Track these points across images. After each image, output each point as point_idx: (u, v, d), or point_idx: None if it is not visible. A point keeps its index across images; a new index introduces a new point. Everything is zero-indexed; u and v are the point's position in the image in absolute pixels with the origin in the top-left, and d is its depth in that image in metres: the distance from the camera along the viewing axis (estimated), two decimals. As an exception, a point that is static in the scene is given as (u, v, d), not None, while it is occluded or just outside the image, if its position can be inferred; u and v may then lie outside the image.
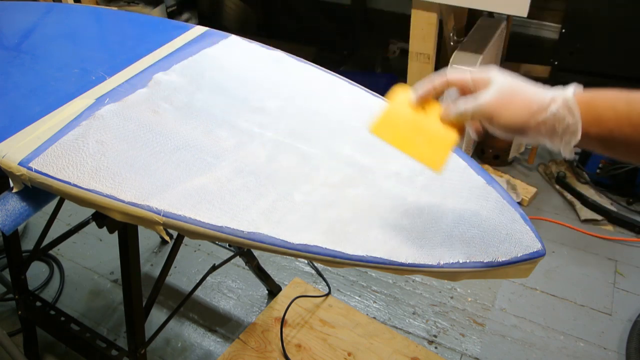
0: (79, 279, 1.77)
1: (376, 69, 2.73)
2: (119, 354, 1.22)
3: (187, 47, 1.10)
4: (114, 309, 1.66)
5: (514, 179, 2.07)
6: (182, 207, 0.74)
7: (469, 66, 1.84)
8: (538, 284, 1.69)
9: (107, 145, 0.85)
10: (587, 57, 2.03)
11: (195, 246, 1.88)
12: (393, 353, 1.47)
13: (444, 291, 1.68)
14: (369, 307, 1.64)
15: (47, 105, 0.94)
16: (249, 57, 1.08)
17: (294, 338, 1.52)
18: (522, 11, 1.59)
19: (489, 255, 0.68)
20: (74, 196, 0.79)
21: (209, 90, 0.98)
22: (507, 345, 1.52)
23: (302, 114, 0.93)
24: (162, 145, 0.85)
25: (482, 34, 2.00)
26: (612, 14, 1.92)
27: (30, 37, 1.20)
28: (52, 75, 1.04)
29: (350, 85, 1.00)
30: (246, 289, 1.71)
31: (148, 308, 1.15)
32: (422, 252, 0.69)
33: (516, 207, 0.76)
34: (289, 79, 1.02)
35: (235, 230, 0.72)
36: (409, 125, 0.67)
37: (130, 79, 1.01)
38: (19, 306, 1.37)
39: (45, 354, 1.53)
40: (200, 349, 1.54)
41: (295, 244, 0.70)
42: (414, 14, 1.77)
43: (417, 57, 1.85)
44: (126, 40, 1.16)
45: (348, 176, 0.81)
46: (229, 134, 0.88)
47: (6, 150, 0.85)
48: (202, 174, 0.80)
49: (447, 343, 1.53)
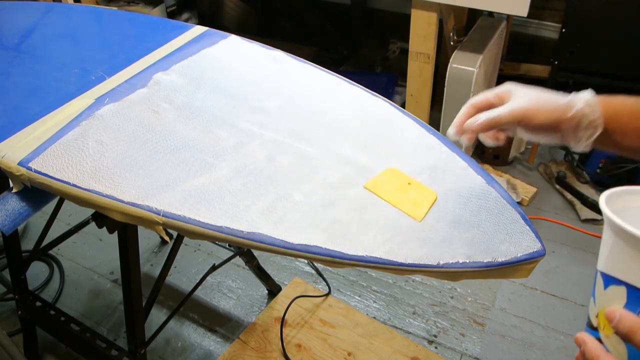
0: (79, 279, 1.77)
1: (376, 69, 2.73)
2: (119, 354, 1.22)
3: (187, 47, 1.10)
4: (114, 309, 1.66)
5: (514, 179, 2.07)
6: (182, 207, 0.74)
7: (469, 66, 1.84)
8: (538, 284, 1.69)
9: (106, 145, 0.85)
10: (587, 57, 2.03)
11: (195, 246, 1.88)
12: (393, 353, 1.47)
13: (444, 291, 1.68)
14: (369, 307, 1.64)
15: (47, 105, 0.94)
16: (248, 57, 1.08)
17: (294, 338, 1.52)
18: (522, 11, 1.59)
19: (489, 255, 0.68)
20: (73, 196, 0.79)
21: (208, 90, 0.98)
22: (507, 345, 1.52)
23: (302, 114, 0.93)
24: (162, 145, 0.85)
25: (482, 34, 2.00)
26: (612, 14, 1.92)
27: (30, 37, 1.20)
28: (52, 75, 1.04)
29: (350, 85, 1.00)
30: (246, 289, 1.71)
31: (148, 308, 1.15)
32: (422, 252, 0.69)
33: (516, 207, 0.75)
34: (288, 79, 1.02)
35: (234, 230, 0.71)
36: (397, 187, 0.79)
37: (130, 79, 1.01)
38: (19, 306, 1.37)
39: (45, 354, 1.53)
40: (200, 349, 1.54)
41: (295, 244, 0.70)
42: (414, 14, 1.77)
43: (417, 56, 1.85)
44: (126, 40, 1.16)
45: (348, 176, 0.80)
46: (228, 134, 0.88)
47: (6, 150, 0.85)
48: (202, 174, 0.80)
49: (447, 343, 1.53)
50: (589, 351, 0.45)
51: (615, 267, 0.45)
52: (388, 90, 2.42)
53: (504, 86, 0.69)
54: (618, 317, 0.43)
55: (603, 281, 0.46)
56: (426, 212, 0.75)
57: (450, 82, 1.90)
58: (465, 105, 0.70)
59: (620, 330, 0.43)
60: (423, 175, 0.81)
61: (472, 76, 1.85)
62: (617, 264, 0.45)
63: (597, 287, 0.47)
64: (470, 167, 0.82)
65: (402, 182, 0.79)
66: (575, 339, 0.48)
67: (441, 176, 0.80)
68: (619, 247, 0.45)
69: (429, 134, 0.88)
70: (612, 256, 0.46)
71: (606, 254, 0.47)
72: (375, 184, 0.79)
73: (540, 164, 2.16)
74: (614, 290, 0.45)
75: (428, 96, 1.94)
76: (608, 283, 0.46)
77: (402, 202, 0.76)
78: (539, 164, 2.17)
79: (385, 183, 0.79)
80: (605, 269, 0.46)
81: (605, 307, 0.46)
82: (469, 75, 1.85)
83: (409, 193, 0.77)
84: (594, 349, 0.45)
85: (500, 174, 2.11)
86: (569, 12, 2.00)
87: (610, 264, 0.46)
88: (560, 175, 2.04)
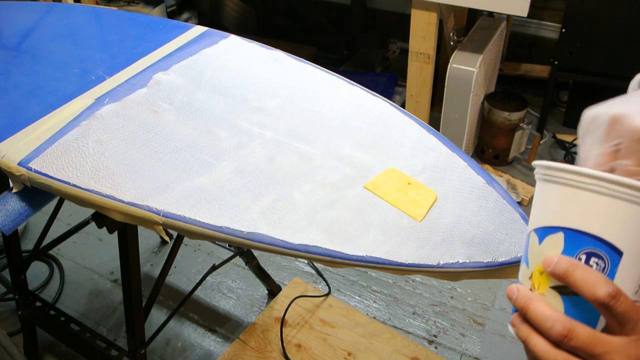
0: (79, 279, 1.77)
1: (376, 69, 2.73)
2: (119, 354, 1.22)
3: (187, 47, 1.10)
4: (114, 309, 1.66)
5: (514, 179, 2.07)
6: (182, 207, 0.74)
7: (469, 66, 1.84)
8: (538, 284, 1.69)
9: (106, 145, 0.85)
10: (587, 57, 2.03)
11: (195, 246, 1.88)
12: (393, 353, 1.47)
13: (444, 291, 1.68)
14: (369, 307, 1.64)
15: (47, 105, 0.94)
16: (248, 57, 1.08)
17: (294, 338, 1.52)
18: (522, 11, 1.59)
19: (489, 255, 0.68)
20: (73, 196, 0.79)
21: (208, 90, 0.98)
22: (507, 345, 1.52)
23: (302, 114, 0.93)
24: (162, 145, 0.85)
25: (482, 34, 2.00)
26: (612, 14, 1.92)
27: (30, 37, 1.20)
28: (52, 75, 1.04)
29: (350, 85, 1.00)
30: (246, 289, 1.71)
31: (148, 308, 1.15)
32: (422, 252, 0.69)
33: (516, 207, 0.75)
34: (288, 79, 1.02)
35: (234, 230, 0.71)
36: (397, 187, 0.79)
37: (130, 79, 1.01)
38: (19, 306, 1.37)
39: (45, 354, 1.53)
40: (200, 349, 1.54)
41: (295, 244, 0.70)
42: (414, 14, 1.77)
43: (417, 56, 1.85)
44: (126, 40, 1.16)
45: (348, 176, 0.80)
46: (228, 134, 0.88)
47: (6, 150, 0.85)
48: (202, 174, 0.80)
49: (447, 343, 1.53)
50: (520, 298, 0.43)
51: (550, 215, 0.44)
52: (388, 90, 2.42)
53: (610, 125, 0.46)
54: (555, 260, 0.41)
55: (538, 237, 0.44)
56: (426, 212, 0.75)
57: (450, 82, 1.90)
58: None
59: (557, 272, 0.41)
60: (423, 175, 0.81)
61: (472, 76, 1.85)
62: (552, 212, 0.44)
63: (531, 247, 0.45)
64: (470, 167, 0.82)
65: (402, 182, 0.79)
66: (507, 290, 0.45)
67: (441, 176, 0.80)
68: (552, 192, 0.44)
69: (429, 134, 0.88)
70: (546, 207, 0.44)
71: (538, 208, 0.45)
72: (375, 184, 0.79)
73: (540, 164, 2.16)
74: (550, 240, 0.43)
75: (428, 96, 1.94)
76: (543, 236, 0.44)
77: (402, 202, 0.76)
78: (539, 164, 2.17)
79: (385, 183, 0.79)
80: (538, 223, 0.45)
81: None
82: (469, 75, 1.85)
83: (409, 193, 0.77)
84: (525, 294, 0.43)
85: (500, 174, 2.11)
86: (569, 12, 2.00)
87: (545, 215, 0.44)
88: (560, 175, 2.04)
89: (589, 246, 0.41)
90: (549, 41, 2.47)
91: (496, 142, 2.12)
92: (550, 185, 0.44)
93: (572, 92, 2.31)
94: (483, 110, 2.11)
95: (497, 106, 2.05)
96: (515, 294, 0.44)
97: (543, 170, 0.44)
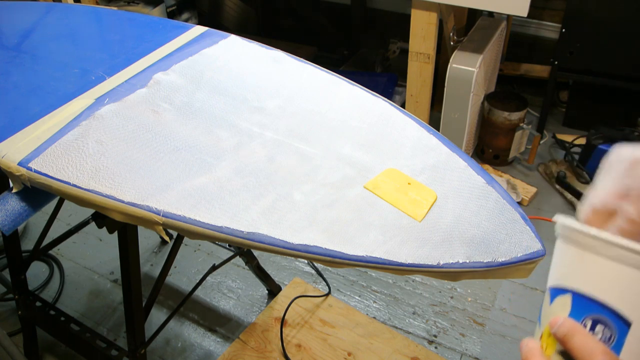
0: (79, 279, 1.77)
1: (376, 69, 2.73)
2: (119, 354, 1.22)
3: (187, 47, 1.10)
4: (114, 309, 1.66)
5: (514, 179, 2.07)
6: (182, 207, 0.74)
7: (469, 66, 1.84)
8: (538, 284, 1.69)
9: (106, 145, 0.85)
10: (587, 57, 2.03)
11: (195, 246, 1.88)
12: (393, 353, 1.47)
13: (444, 291, 1.68)
14: (369, 307, 1.64)
15: (47, 105, 0.94)
16: (248, 57, 1.08)
17: (294, 338, 1.52)
18: (522, 11, 1.59)
19: (489, 255, 0.68)
20: (73, 196, 0.79)
21: (208, 90, 0.98)
22: (507, 345, 1.52)
23: (302, 114, 0.93)
24: (162, 145, 0.85)
25: (482, 34, 2.00)
26: (612, 14, 1.92)
27: (30, 37, 1.20)
28: (52, 75, 1.04)
29: (350, 85, 1.00)
30: (246, 289, 1.71)
31: (148, 308, 1.15)
32: (422, 252, 0.69)
33: (516, 207, 0.75)
34: (288, 79, 1.02)
35: (234, 230, 0.71)
36: (397, 187, 0.79)
37: (130, 79, 1.01)
38: (19, 306, 1.37)
39: (45, 354, 1.53)
40: (200, 349, 1.54)
41: (295, 244, 0.70)
42: (414, 14, 1.77)
43: (417, 56, 1.85)
44: (126, 40, 1.16)
45: (348, 176, 0.80)
46: (228, 134, 0.88)
47: (6, 150, 0.85)
48: (202, 174, 0.80)
49: (447, 343, 1.53)
50: (527, 351, 0.41)
51: (561, 275, 0.42)
52: (388, 90, 2.42)
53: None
54: (560, 322, 0.40)
55: (550, 297, 0.43)
56: (426, 212, 0.75)
57: (450, 82, 1.90)
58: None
59: (559, 334, 0.39)
60: (423, 175, 0.81)
61: (472, 76, 1.85)
62: (563, 272, 0.42)
63: (544, 307, 0.43)
64: (470, 167, 0.82)
65: (402, 182, 0.79)
66: (520, 345, 0.44)
67: (441, 176, 0.80)
68: (566, 252, 0.41)
69: (429, 134, 0.88)
70: (560, 266, 0.42)
71: (553, 265, 0.43)
72: (375, 184, 0.79)
73: (540, 164, 2.16)
74: (559, 301, 0.41)
75: (428, 96, 1.94)
76: (554, 296, 0.42)
77: (402, 202, 0.76)
78: (539, 164, 2.17)
79: (385, 183, 0.79)
80: (551, 281, 0.43)
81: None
82: (469, 75, 1.85)
83: (409, 193, 0.77)
84: (531, 348, 0.42)
85: (500, 174, 2.11)
86: (569, 12, 2.00)
87: (558, 275, 0.42)
88: (560, 175, 2.04)
89: (595, 312, 0.39)
90: (549, 41, 2.47)
91: (496, 142, 2.12)
92: (564, 243, 0.42)
93: (572, 92, 2.31)
94: (483, 110, 2.11)
95: (497, 106, 2.05)
96: (523, 350, 0.43)
97: (559, 226, 0.42)
